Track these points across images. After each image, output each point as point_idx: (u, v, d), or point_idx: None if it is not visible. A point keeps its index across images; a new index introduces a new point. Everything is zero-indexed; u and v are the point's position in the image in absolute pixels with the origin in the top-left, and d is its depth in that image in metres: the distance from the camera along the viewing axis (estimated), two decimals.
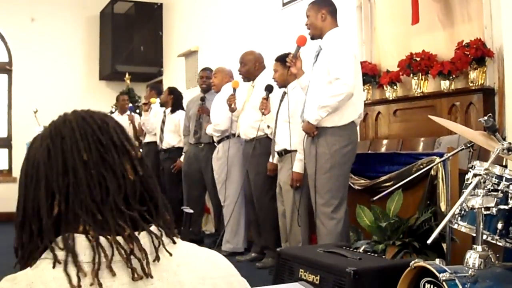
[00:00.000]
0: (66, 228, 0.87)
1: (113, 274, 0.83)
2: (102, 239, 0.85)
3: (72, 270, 0.82)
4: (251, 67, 5.01)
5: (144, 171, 0.95)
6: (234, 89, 5.01)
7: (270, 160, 4.63)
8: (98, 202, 0.88)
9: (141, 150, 0.99)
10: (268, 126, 4.68)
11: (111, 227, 0.87)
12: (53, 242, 0.85)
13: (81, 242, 0.85)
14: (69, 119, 0.94)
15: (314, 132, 3.69)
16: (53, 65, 9.14)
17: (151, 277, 0.86)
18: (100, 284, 0.81)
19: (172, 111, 6.45)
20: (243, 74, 5.08)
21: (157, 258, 0.88)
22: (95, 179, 0.89)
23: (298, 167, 4.23)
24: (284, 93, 4.46)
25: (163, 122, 6.52)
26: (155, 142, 6.74)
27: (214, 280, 0.91)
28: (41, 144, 0.93)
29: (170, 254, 0.90)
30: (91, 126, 0.93)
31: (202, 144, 5.71)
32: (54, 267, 0.83)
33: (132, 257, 0.86)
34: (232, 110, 4.99)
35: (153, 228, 0.91)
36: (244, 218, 5.28)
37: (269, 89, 4.58)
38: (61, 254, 0.84)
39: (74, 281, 0.81)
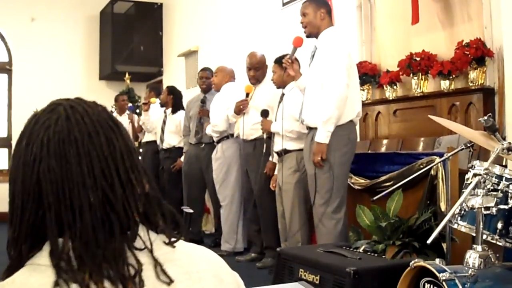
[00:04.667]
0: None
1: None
2: None
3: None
4: (264, 70, 4.99)
5: (147, 206, 0.92)
6: (247, 94, 4.94)
7: (270, 159, 4.64)
8: (103, 247, 0.85)
9: (140, 150, 0.97)
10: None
11: (112, 277, 0.84)
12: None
13: None
14: (74, 134, 0.88)
15: (324, 154, 3.60)
16: (53, 65, 9.14)
17: None
18: None
19: (173, 112, 6.45)
20: (258, 78, 4.97)
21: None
22: (99, 222, 0.85)
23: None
24: (283, 94, 4.47)
25: (164, 122, 6.53)
26: (154, 142, 6.74)
27: (200, 273, 0.90)
28: (42, 155, 0.87)
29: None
30: (97, 152, 0.88)
31: (203, 144, 5.71)
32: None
33: None
34: (239, 113, 4.94)
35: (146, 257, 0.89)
36: (243, 218, 5.28)
37: (265, 114, 4.56)
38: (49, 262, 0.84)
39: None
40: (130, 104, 7.79)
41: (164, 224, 0.93)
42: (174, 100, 6.47)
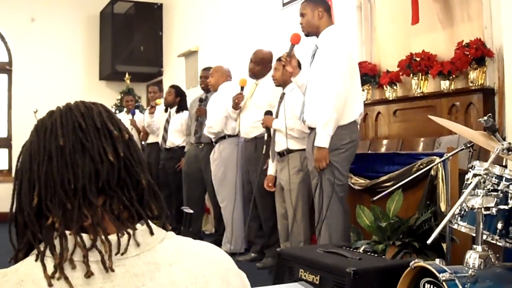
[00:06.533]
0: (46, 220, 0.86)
1: (73, 267, 0.82)
2: (67, 232, 0.84)
3: (50, 262, 0.82)
4: (263, 67, 4.99)
5: (128, 154, 0.92)
6: (242, 88, 4.97)
7: (269, 164, 4.59)
8: (69, 191, 0.86)
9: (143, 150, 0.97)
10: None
11: (74, 217, 0.85)
12: (36, 234, 0.85)
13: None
14: (55, 111, 0.94)
15: (327, 160, 3.58)
16: (53, 65, 9.14)
17: (112, 270, 0.83)
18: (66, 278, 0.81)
19: (178, 111, 6.47)
20: (253, 72, 5.00)
21: (125, 251, 0.85)
22: (69, 166, 0.87)
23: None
24: (283, 94, 4.47)
25: (167, 121, 6.53)
26: (157, 143, 6.74)
27: (207, 277, 0.89)
28: (28, 139, 0.93)
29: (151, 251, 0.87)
30: (74, 113, 0.92)
31: (202, 144, 5.71)
32: (36, 259, 0.83)
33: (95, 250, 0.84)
34: (237, 108, 4.97)
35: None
36: (243, 218, 5.28)
37: (269, 114, 4.57)
38: (42, 247, 0.84)
39: (49, 271, 0.81)
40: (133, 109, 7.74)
41: (156, 213, 0.93)
42: (180, 101, 6.52)
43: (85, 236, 0.84)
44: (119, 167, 0.90)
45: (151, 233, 0.89)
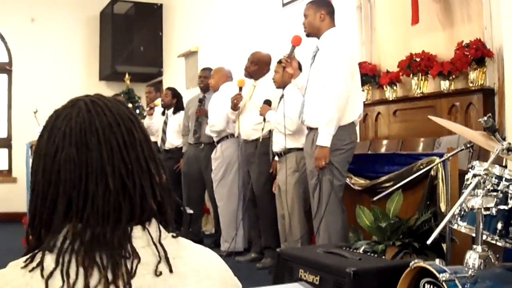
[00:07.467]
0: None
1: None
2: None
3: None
4: (259, 68, 5.00)
5: (163, 194, 0.95)
6: (240, 88, 4.99)
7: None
8: (103, 221, 0.88)
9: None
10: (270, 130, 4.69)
11: (101, 242, 0.86)
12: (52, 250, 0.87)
13: None
14: (95, 124, 0.90)
15: (327, 159, 3.58)
16: (53, 65, 9.14)
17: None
18: None
19: (175, 112, 6.48)
20: (250, 72, 5.03)
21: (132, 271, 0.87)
22: (111, 206, 0.88)
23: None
24: (282, 95, 4.48)
25: (165, 123, 6.54)
26: (156, 143, 6.75)
27: (208, 272, 0.93)
28: (64, 145, 0.89)
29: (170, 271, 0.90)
30: (118, 140, 0.91)
31: (202, 145, 5.71)
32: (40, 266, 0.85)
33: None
34: (236, 109, 4.98)
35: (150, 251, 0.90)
36: (243, 218, 5.28)
37: (267, 103, 4.60)
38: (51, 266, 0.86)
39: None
40: None
41: (172, 218, 0.97)
42: (177, 102, 6.53)
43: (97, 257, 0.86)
44: (153, 207, 0.93)
45: (158, 230, 0.93)
